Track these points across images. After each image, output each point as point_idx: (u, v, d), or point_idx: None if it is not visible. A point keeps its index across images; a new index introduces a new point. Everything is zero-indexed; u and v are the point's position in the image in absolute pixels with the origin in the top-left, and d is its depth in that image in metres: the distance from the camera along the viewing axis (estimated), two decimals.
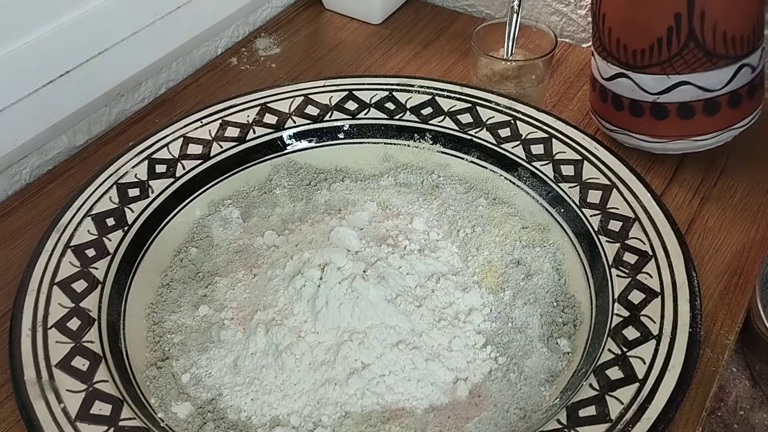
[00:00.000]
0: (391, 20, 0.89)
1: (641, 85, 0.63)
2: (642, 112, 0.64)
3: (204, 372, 0.51)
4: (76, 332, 0.49)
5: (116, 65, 0.73)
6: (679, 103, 0.62)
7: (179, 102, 0.78)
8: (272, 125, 0.65)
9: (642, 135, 0.66)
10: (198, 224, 0.61)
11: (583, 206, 0.57)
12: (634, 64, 0.62)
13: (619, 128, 0.67)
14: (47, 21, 0.66)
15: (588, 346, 0.50)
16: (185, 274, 0.58)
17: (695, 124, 0.63)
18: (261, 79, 0.81)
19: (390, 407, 0.48)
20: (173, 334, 0.54)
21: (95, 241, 0.55)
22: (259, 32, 0.88)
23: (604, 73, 0.66)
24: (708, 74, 0.61)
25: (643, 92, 0.63)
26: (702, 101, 0.62)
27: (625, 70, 0.63)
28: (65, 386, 0.46)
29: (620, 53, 0.63)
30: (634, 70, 0.63)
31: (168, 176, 0.61)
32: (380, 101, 0.67)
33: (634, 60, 0.62)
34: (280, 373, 0.49)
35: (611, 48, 0.63)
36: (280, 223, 0.62)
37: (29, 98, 0.66)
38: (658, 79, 0.62)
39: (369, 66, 0.82)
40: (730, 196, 0.65)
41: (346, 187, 0.64)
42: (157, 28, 0.75)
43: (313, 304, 0.51)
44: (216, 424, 0.48)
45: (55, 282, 0.52)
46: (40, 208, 0.66)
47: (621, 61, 0.63)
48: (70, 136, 0.73)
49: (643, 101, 0.64)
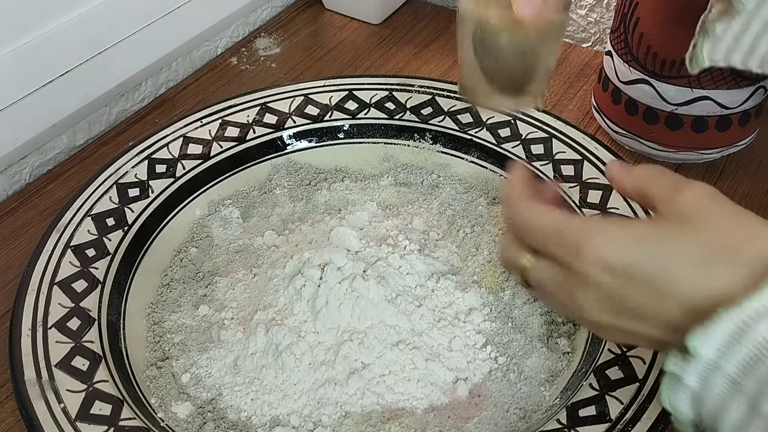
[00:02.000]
0: (391, 20, 0.89)
1: (662, 94, 0.63)
2: (657, 120, 0.64)
3: (204, 372, 0.51)
4: (76, 332, 0.49)
5: (116, 65, 0.73)
6: (696, 117, 0.63)
7: (179, 102, 0.78)
8: (272, 125, 0.65)
9: (651, 142, 0.66)
10: (198, 224, 0.61)
11: (583, 206, 0.57)
12: (660, 73, 0.62)
13: (628, 133, 0.67)
14: (47, 21, 0.66)
15: (588, 346, 0.50)
16: (185, 274, 0.58)
17: (706, 138, 0.64)
18: (261, 79, 0.81)
19: (390, 407, 0.48)
20: (173, 334, 0.54)
21: (95, 241, 0.55)
22: (259, 32, 0.88)
23: (623, 77, 0.65)
24: (730, 92, 0.61)
25: (662, 101, 0.63)
26: (717, 117, 0.63)
27: (648, 77, 0.63)
28: (65, 386, 0.46)
29: (647, 60, 0.62)
30: (658, 79, 0.62)
31: (168, 176, 0.61)
32: (380, 101, 0.67)
33: (661, 69, 0.62)
34: (280, 373, 0.49)
35: (638, 54, 0.63)
36: (280, 223, 0.62)
37: (29, 98, 0.66)
38: (681, 91, 0.62)
39: (369, 66, 0.82)
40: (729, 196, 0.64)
41: (346, 187, 0.64)
42: (157, 28, 0.75)
43: (313, 304, 0.51)
44: (216, 424, 0.48)
45: (55, 282, 0.52)
46: (40, 208, 0.66)
47: (647, 68, 0.63)
48: (70, 136, 0.73)
49: (660, 110, 0.64)
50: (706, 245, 0.35)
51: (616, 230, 0.37)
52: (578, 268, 0.37)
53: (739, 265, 0.34)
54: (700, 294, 0.34)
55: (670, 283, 0.35)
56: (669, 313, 0.35)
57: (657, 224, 0.37)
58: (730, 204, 0.38)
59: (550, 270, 0.40)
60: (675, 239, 0.36)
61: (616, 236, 0.37)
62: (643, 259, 0.36)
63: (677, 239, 0.36)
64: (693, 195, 0.37)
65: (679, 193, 0.38)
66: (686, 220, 0.36)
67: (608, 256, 0.36)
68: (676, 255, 0.35)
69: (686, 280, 0.35)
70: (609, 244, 0.36)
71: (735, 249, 0.35)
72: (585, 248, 0.37)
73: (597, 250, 0.36)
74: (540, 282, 0.41)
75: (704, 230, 0.36)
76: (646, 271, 0.35)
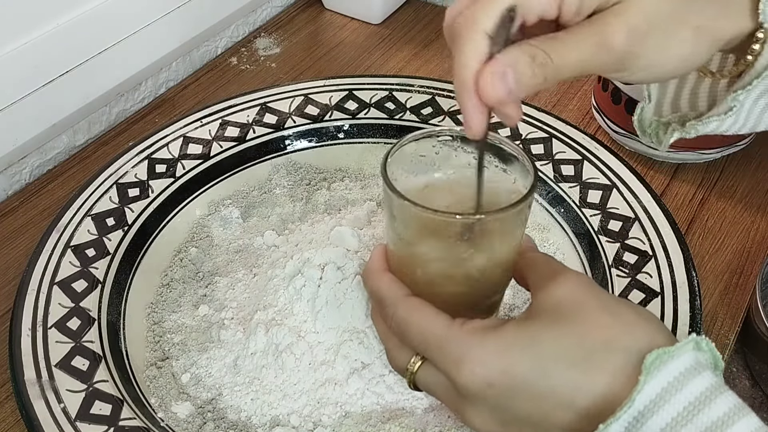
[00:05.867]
0: (391, 20, 0.89)
1: None
2: None
3: (204, 372, 0.51)
4: (76, 332, 0.49)
5: (116, 65, 0.73)
6: None
7: (179, 102, 0.78)
8: (272, 125, 0.65)
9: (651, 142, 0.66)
10: (198, 224, 0.61)
11: (583, 206, 0.57)
12: None
13: (628, 132, 0.66)
14: (47, 21, 0.66)
15: None
16: (185, 273, 0.58)
17: (706, 138, 0.63)
18: (261, 78, 0.81)
19: (390, 407, 0.48)
20: (173, 334, 0.54)
21: (95, 241, 0.55)
22: (259, 32, 0.88)
23: None
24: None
25: None
26: None
27: None
28: (65, 386, 0.46)
29: None
30: None
31: (168, 176, 0.61)
32: (380, 101, 0.67)
33: None
34: (280, 373, 0.49)
35: None
36: (280, 223, 0.62)
37: (29, 98, 0.66)
38: None
39: (369, 66, 0.82)
40: (730, 196, 0.65)
41: (345, 186, 0.64)
42: (157, 28, 0.75)
43: (313, 303, 0.51)
44: (216, 424, 0.48)
45: (55, 282, 0.52)
46: (40, 208, 0.66)
47: None
48: (70, 136, 0.73)
49: None
50: (581, 342, 0.35)
51: (494, 340, 0.36)
52: (460, 383, 0.36)
53: (617, 359, 0.34)
54: (585, 396, 0.34)
55: (553, 389, 0.34)
56: (562, 418, 0.35)
57: (530, 323, 0.36)
58: (606, 295, 0.37)
59: (436, 376, 0.38)
60: (550, 338, 0.35)
61: (494, 347, 0.35)
62: (520, 367, 0.35)
63: (552, 338, 0.35)
64: (567, 285, 0.37)
65: (553, 283, 0.37)
66: (560, 314, 0.36)
67: (487, 370, 0.35)
68: (552, 356, 0.35)
69: (568, 382, 0.34)
70: (486, 358, 0.35)
71: (611, 343, 0.34)
72: (464, 365, 0.35)
73: (475, 365, 0.35)
74: (428, 387, 0.40)
75: (578, 325, 0.35)
76: (526, 379, 0.35)
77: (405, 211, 0.40)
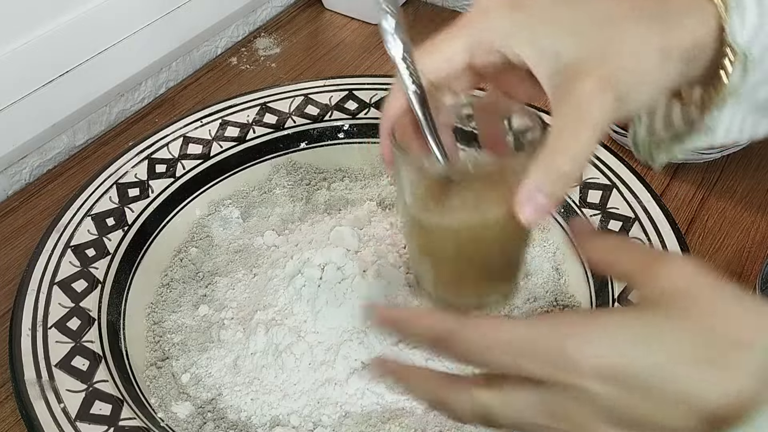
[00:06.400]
0: None
1: None
2: None
3: (204, 372, 0.51)
4: (76, 332, 0.49)
5: (116, 65, 0.73)
6: None
7: (179, 102, 0.78)
8: (272, 125, 0.65)
9: None
10: (198, 224, 0.61)
11: (583, 206, 0.57)
12: None
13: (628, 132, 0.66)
14: (47, 21, 0.66)
15: None
16: (185, 273, 0.58)
17: None
18: (261, 78, 0.81)
19: (390, 407, 0.48)
20: (173, 334, 0.54)
21: (95, 241, 0.55)
22: (259, 32, 0.88)
23: None
24: None
25: None
26: None
27: None
28: (65, 386, 0.46)
29: None
30: None
31: (168, 176, 0.61)
32: (380, 101, 0.67)
33: None
34: (280, 373, 0.49)
35: None
36: (280, 223, 0.62)
37: (29, 98, 0.66)
38: None
39: (369, 66, 0.82)
40: (730, 196, 0.65)
41: (345, 186, 0.64)
42: (157, 27, 0.75)
43: (313, 303, 0.51)
44: (216, 424, 0.48)
45: (55, 282, 0.52)
46: (40, 208, 0.66)
47: None
48: (70, 136, 0.73)
49: None
50: (709, 337, 0.31)
51: (596, 330, 0.31)
52: (566, 381, 0.31)
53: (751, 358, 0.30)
54: (715, 398, 0.30)
55: (678, 388, 0.30)
56: (685, 421, 0.30)
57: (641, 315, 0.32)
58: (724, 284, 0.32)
59: (524, 395, 0.32)
60: (670, 333, 0.31)
61: (599, 337, 0.31)
62: (639, 361, 0.30)
63: (673, 332, 0.31)
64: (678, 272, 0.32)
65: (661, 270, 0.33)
66: (672, 306, 0.32)
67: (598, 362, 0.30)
68: (677, 354, 0.30)
69: (695, 384, 0.30)
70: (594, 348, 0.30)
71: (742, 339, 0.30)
72: (569, 357, 0.30)
73: (582, 356, 0.30)
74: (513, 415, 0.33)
75: (700, 318, 0.31)
76: (647, 376, 0.30)
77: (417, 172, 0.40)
